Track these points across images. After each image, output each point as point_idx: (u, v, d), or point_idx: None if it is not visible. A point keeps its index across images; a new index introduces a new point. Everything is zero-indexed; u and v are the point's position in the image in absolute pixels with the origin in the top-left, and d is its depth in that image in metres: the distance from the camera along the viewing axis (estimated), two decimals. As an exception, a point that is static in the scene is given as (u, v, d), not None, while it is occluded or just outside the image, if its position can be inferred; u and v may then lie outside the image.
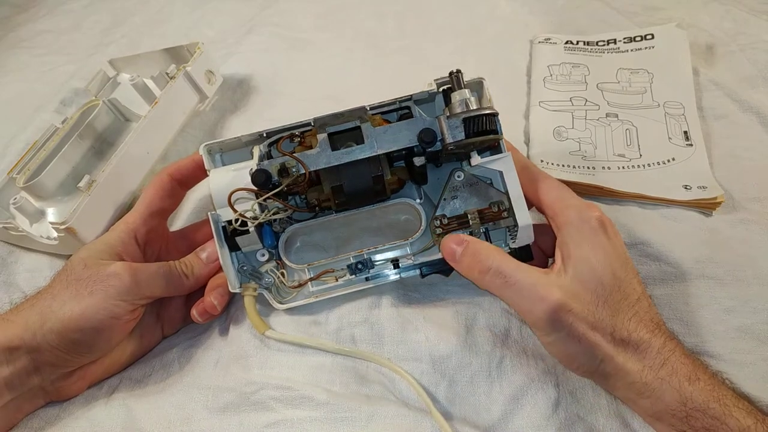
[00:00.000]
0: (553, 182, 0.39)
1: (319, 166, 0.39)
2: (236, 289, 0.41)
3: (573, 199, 0.38)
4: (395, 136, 0.39)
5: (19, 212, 0.50)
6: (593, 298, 0.34)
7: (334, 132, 0.40)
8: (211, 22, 0.76)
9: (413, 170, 0.41)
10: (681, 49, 0.59)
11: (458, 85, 0.39)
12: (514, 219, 0.39)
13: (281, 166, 0.39)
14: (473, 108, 0.38)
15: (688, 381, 0.32)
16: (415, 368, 0.39)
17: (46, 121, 0.60)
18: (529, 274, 0.35)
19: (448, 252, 0.38)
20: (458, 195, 0.41)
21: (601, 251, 0.35)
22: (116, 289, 0.37)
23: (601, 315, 0.34)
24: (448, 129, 0.38)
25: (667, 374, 0.32)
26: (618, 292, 0.35)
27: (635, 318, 0.34)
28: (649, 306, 0.35)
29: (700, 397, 0.31)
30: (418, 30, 0.70)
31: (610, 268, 0.35)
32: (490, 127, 0.37)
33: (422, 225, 0.42)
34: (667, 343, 0.34)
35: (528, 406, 0.37)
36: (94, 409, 0.39)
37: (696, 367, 0.33)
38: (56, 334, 0.36)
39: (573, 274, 0.35)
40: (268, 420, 0.38)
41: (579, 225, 0.36)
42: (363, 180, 0.39)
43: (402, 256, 0.42)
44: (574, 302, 0.34)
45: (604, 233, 0.36)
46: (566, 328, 0.34)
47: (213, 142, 0.42)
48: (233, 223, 0.39)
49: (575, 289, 0.34)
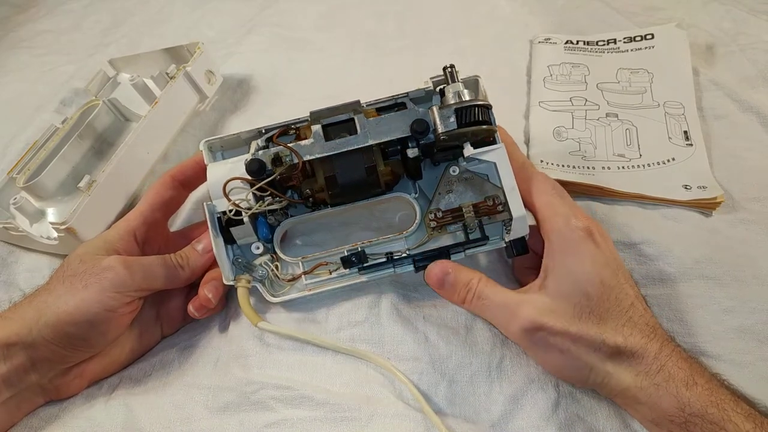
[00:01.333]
0: (547, 185, 0.39)
1: (313, 156, 0.39)
2: (230, 281, 0.41)
3: (562, 207, 0.37)
4: (388, 126, 0.39)
5: (19, 212, 0.50)
6: (576, 310, 0.34)
7: (328, 123, 0.40)
8: (211, 22, 0.76)
9: (407, 163, 0.41)
10: (681, 49, 0.59)
11: (452, 79, 0.39)
12: (510, 213, 0.39)
13: (275, 156, 0.39)
14: (466, 99, 0.38)
15: (685, 386, 0.32)
16: (415, 368, 0.39)
17: (46, 121, 0.60)
18: (504, 295, 0.37)
19: (434, 280, 0.39)
20: (453, 189, 0.41)
21: (588, 261, 0.35)
22: (110, 281, 0.37)
23: (585, 327, 0.34)
24: (440, 119, 0.38)
25: (663, 380, 0.32)
26: (608, 300, 0.34)
27: (629, 324, 0.34)
28: (644, 309, 0.35)
29: (698, 403, 0.31)
30: (418, 30, 0.70)
31: (597, 277, 0.35)
32: (483, 118, 0.37)
33: (417, 219, 0.42)
34: (664, 347, 0.33)
35: (528, 406, 0.37)
36: (94, 409, 0.39)
37: (693, 371, 0.33)
38: (51, 328, 0.36)
39: (554, 287, 0.35)
40: (268, 420, 0.38)
41: (565, 234, 0.36)
42: (356, 170, 0.39)
43: (397, 250, 0.42)
44: (551, 318, 0.34)
45: (591, 241, 0.36)
46: (543, 344, 0.35)
47: (213, 138, 0.42)
48: (227, 213, 0.40)
49: (553, 305, 0.35)
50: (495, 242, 0.41)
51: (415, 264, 0.41)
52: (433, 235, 0.42)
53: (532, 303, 0.35)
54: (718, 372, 0.37)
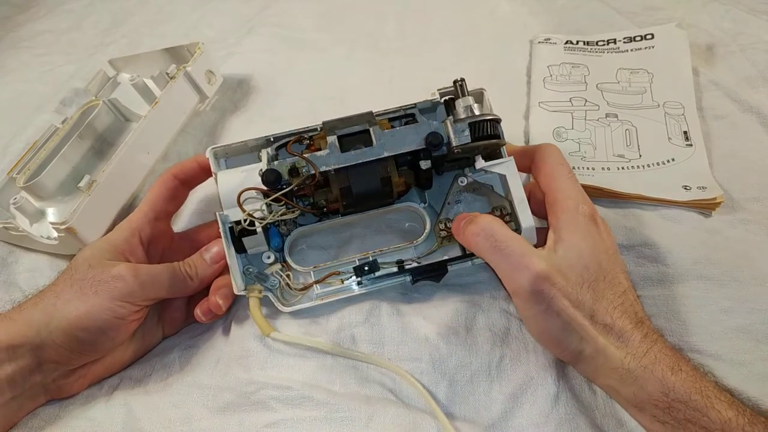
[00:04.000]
0: (557, 168, 0.39)
1: (329, 167, 0.39)
2: (241, 291, 0.41)
3: (572, 191, 0.38)
4: (403, 139, 0.40)
5: (19, 212, 0.50)
6: (578, 279, 0.35)
7: (344, 135, 0.40)
8: (211, 22, 0.76)
9: (419, 174, 0.41)
10: (681, 49, 0.59)
11: (462, 93, 0.40)
12: (517, 223, 0.40)
13: (291, 166, 0.39)
14: (477, 113, 0.39)
15: (671, 371, 0.32)
16: (415, 368, 0.39)
17: (46, 121, 0.60)
18: (520, 243, 0.36)
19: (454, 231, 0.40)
20: (461, 199, 0.43)
21: (590, 241, 0.36)
22: (120, 291, 0.38)
23: (584, 296, 0.35)
24: (454, 133, 0.39)
25: (650, 362, 0.33)
26: (603, 281, 0.35)
27: (620, 308, 0.35)
28: (634, 300, 0.36)
29: (683, 388, 0.32)
30: (418, 30, 0.70)
31: (596, 258, 0.36)
32: (493, 132, 0.39)
33: (427, 228, 0.43)
34: (650, 334, 0.34)
35: (527, 404, 0.38)
36: (94, 409, 0.39)
37: (678, 359, 0.33)
38: (62, 332, 0.36)
39: (562, 254, 0.36)
40: (268, 420, 0.38)
41: (574, 214, 0.37)
42: (371, 181, 0.40)
43: (407, 259, 0.43)
44: (559, 277, 0.34)
45: (595, 227, 0.37)
46: (547, 300, 0.34)
47: (219, 146, 0.42)
48: (242, 223, 0.40)
49: (561, 267, 0.35)
50: None
51: (413, 277, 0.41)
52: (442, 244, 0.43)
53: (544, 257, 0.35)
54: (715, 372, 0.37)
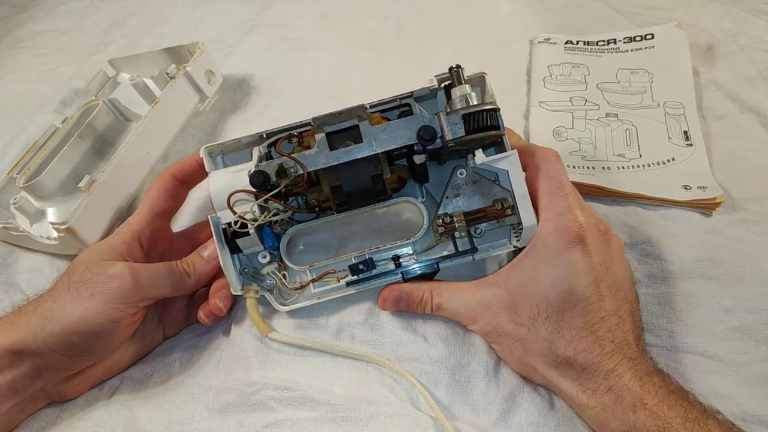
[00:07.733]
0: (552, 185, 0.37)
1: (318, 167, 0.38)
2: (238, 292, 0.40)
3: (557, 209, 0.36)
4: (394, 134, 0.38)
5: (20, 212, 0.50)
6: (532, 312, 0.35)
7: (332, 131, 0.39)
8: (211, 22, 0.76)
9: (414, 168, 0.40)
10: (681, 49, 0.59)
11: (458, 81, 0.38)
12: (518, 217, 0.38)
13: (279, 167, 0.38)
14: (474, 104, 0.37)
15: (632, 409, 0.32)
16: (414, 368, 0.39)
17: (46, 121, 0.60)
18: (459, 301, 0.39)
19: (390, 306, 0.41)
20: (461, 192, 0.41)
21: (564, 268, 0.35)
22: (116, 291, 0.37)
23: (537, 330, 0.35)
24: (447, 126, 0.37)
25: (610, 401, 0.33)
26: (571, 311, 0.34)
27: (589, 339, 0.34)
28: (616, 326, 0.34)
29: (643, 428, 0.31)
30: (418, 30, 0.70)
31: (567, 286, 0.34)
32: (491, 123, 0.37)
33: (425, 224, 0.42)
34: (619, 366, 0.33)
35: (525, 404, 0.38)
36: (96, 410, 0.39)
37: (645, 391, 0.32)
38: (56, 338, 0.36)
39: (517, 283, 0.37)
40: (268, 420, 0.38)
41: (553, 236, 0.35)
42: (362, 179, 0.39)
43: (404, 255, 0.42)
44: (504, 317, 0.37)
45: (579, 249, 0.35)
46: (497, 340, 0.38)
47: (213, 144, 0.42)
48: (233, 225, 0.39)
49: (510, 301, 0.37)
50: (503, 246, 0.41)
51: (404, 277, 0.41)
52: (441, 240, 0.41)
53: (487, 304, 0.37)
54: (714, 373, 0.37)
